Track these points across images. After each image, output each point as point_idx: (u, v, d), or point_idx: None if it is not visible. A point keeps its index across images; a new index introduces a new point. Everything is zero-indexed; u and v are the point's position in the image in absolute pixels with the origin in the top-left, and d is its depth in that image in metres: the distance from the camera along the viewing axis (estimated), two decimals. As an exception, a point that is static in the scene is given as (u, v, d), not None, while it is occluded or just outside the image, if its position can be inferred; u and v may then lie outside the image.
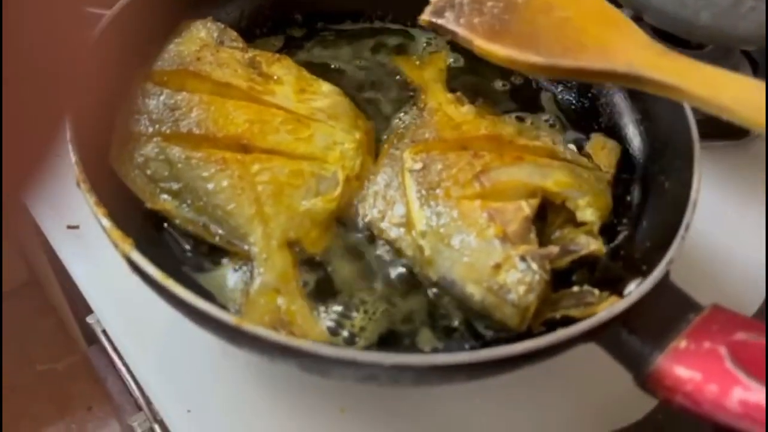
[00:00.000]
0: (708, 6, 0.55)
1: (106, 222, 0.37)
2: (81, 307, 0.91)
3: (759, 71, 0.67)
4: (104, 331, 0.74)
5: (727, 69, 0.70)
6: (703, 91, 0.44)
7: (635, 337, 0.38)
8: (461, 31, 0.50)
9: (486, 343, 0.44)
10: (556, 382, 0.49)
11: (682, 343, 0.37)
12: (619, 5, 0.67)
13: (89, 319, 0.78)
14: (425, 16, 0.52)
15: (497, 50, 0.49)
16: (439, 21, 0.51)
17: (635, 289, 0.40)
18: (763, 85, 0.42)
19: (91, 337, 1.12)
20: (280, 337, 0.34)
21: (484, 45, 0.49)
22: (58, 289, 1.06)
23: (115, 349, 0.69)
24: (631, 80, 0.47)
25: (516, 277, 0.43)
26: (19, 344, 1.43)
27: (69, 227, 0.57)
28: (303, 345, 0.34)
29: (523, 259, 0.44)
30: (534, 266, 0.43)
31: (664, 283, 0.40)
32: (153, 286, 0.37)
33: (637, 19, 0.66)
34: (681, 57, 0.47)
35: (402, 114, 0.55)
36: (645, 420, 0.49)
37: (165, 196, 0.47)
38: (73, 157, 0.40)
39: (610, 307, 0.38)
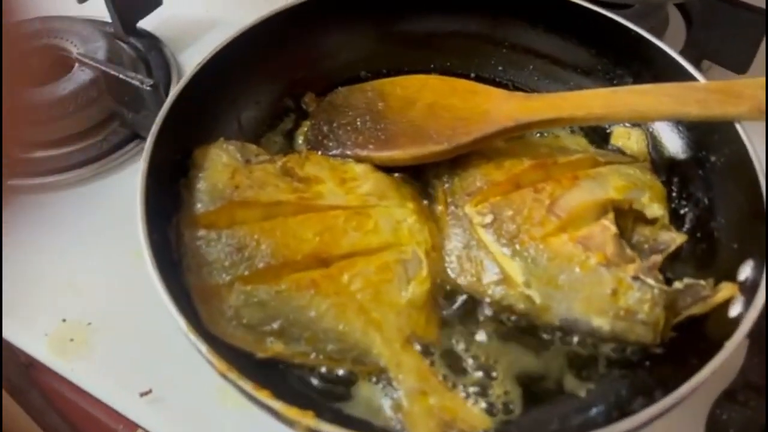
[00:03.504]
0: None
1: (277, 404, 0.35)
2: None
3: (692, 23, 0.71)
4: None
5: (655, 24, 0.74)
6: (577, 112, 0.50)
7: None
8: (355, 153, 0.53)
9: (629, 365, 0.45)
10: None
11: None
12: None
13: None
14: (308, 150, 0.54)
15: (398, 155, 0.52)
16: (327, 152, 0.54)
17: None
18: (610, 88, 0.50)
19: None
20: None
21: (382, 155, 0.53)
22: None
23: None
24: (522, 128, 0.51)
25: (636, 297, 0.45)
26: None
27: (142, 394, 0.53)
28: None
29: (635, 278, 0.45)
30: (649, 281, 0.45)
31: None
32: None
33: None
34: (542, 95, 0.52)
35: (436, 169, 0.55)
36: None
37: (271, 339, 0.45)
38: (205, 351, 0.37)
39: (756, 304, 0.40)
